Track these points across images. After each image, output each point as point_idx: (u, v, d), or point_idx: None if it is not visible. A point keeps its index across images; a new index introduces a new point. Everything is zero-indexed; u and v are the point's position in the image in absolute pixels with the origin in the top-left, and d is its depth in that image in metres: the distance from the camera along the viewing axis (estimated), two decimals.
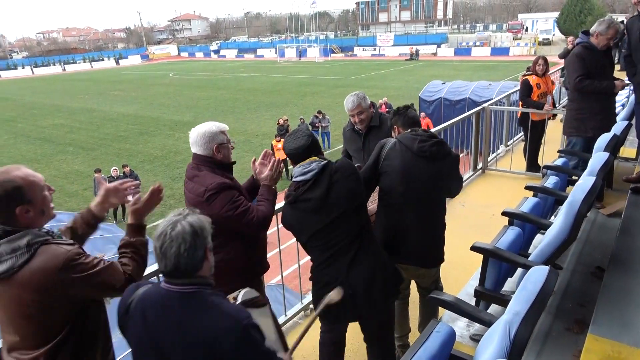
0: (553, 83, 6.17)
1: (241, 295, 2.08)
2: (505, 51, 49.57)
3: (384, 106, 17.55)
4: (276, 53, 61.55)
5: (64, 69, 60.81)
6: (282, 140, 14.91)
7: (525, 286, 1.70)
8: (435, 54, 53.63)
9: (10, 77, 55.36)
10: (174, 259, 1.48)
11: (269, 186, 2.63)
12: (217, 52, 74.17)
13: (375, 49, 60.09)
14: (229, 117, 23.54)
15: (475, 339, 2.90)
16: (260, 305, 2.08)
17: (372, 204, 2.94)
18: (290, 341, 2.12)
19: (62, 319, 1.72)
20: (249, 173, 2.81)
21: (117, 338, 1.88)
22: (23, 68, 59.96)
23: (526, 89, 6.17)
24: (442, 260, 2.93)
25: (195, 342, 1.49)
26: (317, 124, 16.46)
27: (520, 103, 6.46)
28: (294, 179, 2.44)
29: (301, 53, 58.23)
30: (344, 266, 2.39)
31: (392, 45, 59.86)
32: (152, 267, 2.33)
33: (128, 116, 25.30)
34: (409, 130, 2.82)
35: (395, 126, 2.93)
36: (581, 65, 4.38)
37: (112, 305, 1.94)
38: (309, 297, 3.84)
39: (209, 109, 26.21)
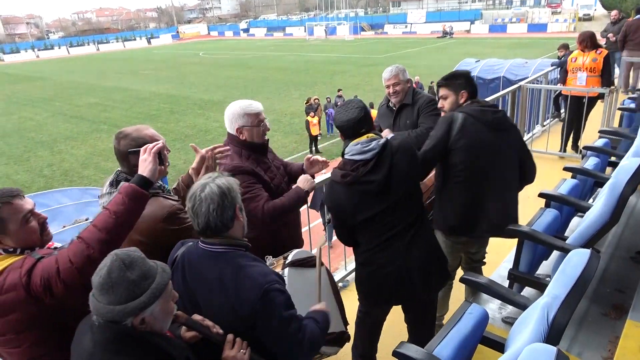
0: (595, 60, 5.87)
1: (292, 255, 2.16)
2: (542, 27, 47.54)
3: (415, 85, 17.20)
4: (305, 31, 60.95)
5: (98, 49, 62.05)
6: (316, 116, 14.93)
7: (564, 269, 1.64)
8: (468, 31, 51.97)
9: (47, 57, 56.88)
10: (204, 217, 1.59)
11: (301, 190, 2.52)
12: (246, 30, 74.01)
13: (406, 27, 58.66)
14: (258, 96, 23.60)
15: (508, 321, 2.86)
16: (311, 265, 2.18)
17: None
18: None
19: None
20: (280, 150, 2.82)
21: None
22: (59, 48, 61.46)
23: (564, 62, 6.07)
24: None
25: (222, 301, 1.59)
26: (339, 104, 16.16)
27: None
28: (349, 157, 2.25)
29: (327, 31, 57.37)
30: (401, 249, 2.30)
31: (424, 23, 58.25)
32: None
33: (159, 95, 25.69)
34: (470, 102, 2.71)
35: (463, 91, 2.73)
36: None
37: None
38: (338, 275, 3.87)
39: (238, 88, 26.32)
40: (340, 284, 3.82)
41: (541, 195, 3.07)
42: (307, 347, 1.70)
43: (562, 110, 7.46)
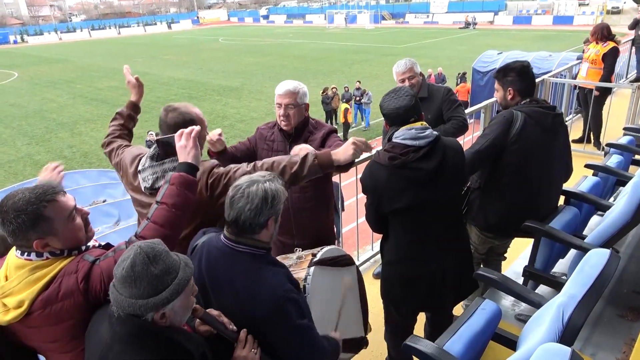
0: (598, 52, 5.76)
1: (321, 252, 2.02)
2: (569, 20, 46.33)
3: (432, 77, 16.95)
4: (325, 19, 60.43)
5: (119, 33, 62.51)
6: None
7: (583, 269, 1.61)
8: (492, 22, 50.91)
9: (70, 39, 57.54)
10: (236, 212, 1.55)
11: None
12: (266, 17, 73.73)
13: (427, 16, 57.72)
14: (276, 83, 22.94)
15: (521, 319, 2.83)
16: (342, 264, 2.07)
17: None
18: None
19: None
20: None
21: None
22: (81, 31, 62.06)
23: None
24: None
25: (234, 300, 1.56)
26: (358, 97, 15.91)
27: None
28: (400, 140, 2.14)
29: (348, 20, 56.80)
30: (437, 252, 2.24)
31: (446, 12, 57.21)
32: None
33: (178, 80, 25.83)
34: (528, 100, 2.58)
35: (510, 88, 2.60)
36: None
37: None
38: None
39: (257, 74, 26.30)
40: None
41: (561, 192, 3.00)
42: (316, 357, 1.67)
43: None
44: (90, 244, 1.72)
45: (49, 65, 33.63)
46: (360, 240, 3.99)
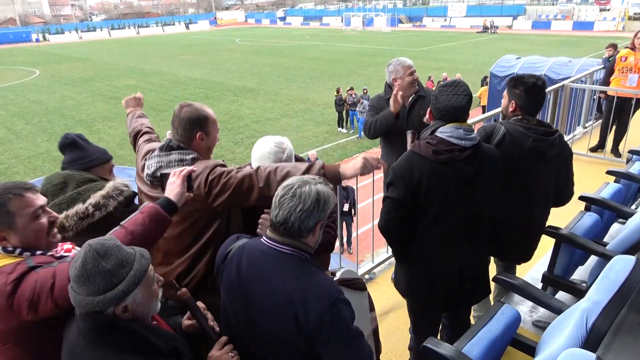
0: None
1: (340, 272, 2.01)
2: (589, 26, 45.66)
3: (429, 83, 16.82)
4: (342, 21, 60.48)
5: (138, 32, 63.32)
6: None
7: (607, 275, 1.58)
8: (510, 27, 50.46)
9: (90, 38, 58.45)
10: (286, 212, 1.48)
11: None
12: (283, 19, 74.05)
13: (445, 20, 57.39)
14: (292, 85, 23.64)
15: (539, 325, 2.79)
16: (358, 288, 2.00)
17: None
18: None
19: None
20: (311, 140, 2.76)
21: None
22: (101, 30, 63.00)
23: (613, 62, 5.78)
24: None
25: (281, 302, 1.47)
26: (357, 101, 15.51)
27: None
28: (446, 137, 2.07)
29: (365, 22, 56.76)
30: (461, 251, 2.19)
31: (464, 17, 56.84)
32: None
33: (195, 80, 26.06)
34: (520, 116, 2.43)
35: (513, 101, 2.45)
36: None
37: None
38: (364, 267, 3.85)
39: (273, 76, 26.42)
40: (366, 277, 3.81)
41: (582, 198, 2.97)
42: None
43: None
44: (68, 253, 1.66)
45: (69, 64, 34.20)
46: (374, 242, 3.98)
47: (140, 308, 1.39)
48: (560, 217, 2.93)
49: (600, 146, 6.11)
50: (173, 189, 1.77)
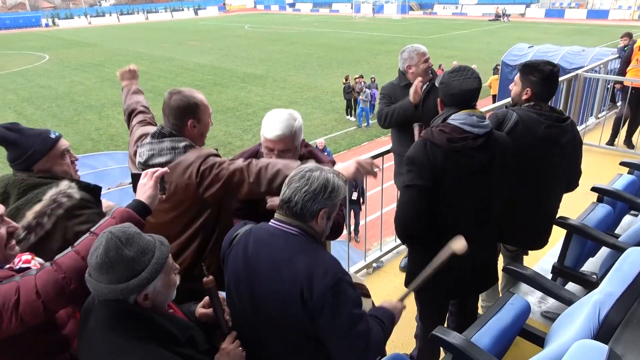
0: None
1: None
2: (604, 14, 44.78)
3: (440, 71, 16.59)
4: (352, 8, 59.82)
5: (147, 18, 63.15)
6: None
7: (621, 267, 1.56)
8: (523, 15, 49.62)
9: (99, 24, 58.42)
10: (292, 192, 1.49)
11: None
12: (292, 5, 73.40)
13: (457, 7, 56.54)
14: (300, 72, 23.51)
15: (548, 316, 2.78)
16: (362, 295, 1.92)
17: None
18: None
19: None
20: (319, 128, 2.70)
21: None
22: (110, 15, 62.86)
23: (629, 52, 5.66)
24: None
25: (287, 280, 1.47)
26: (359, 90, 15.45)
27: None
28: (459, 124, 2.03)
29: (375, 9, 56.11)
30: (473, 239, 2.10)
31: (476, 4, 55.94)
32: None
33: (204, 66, 26.01)
34: (532, 103, 2.40)
35: (529, 88, 2.40)
36: None
37: None
38: (372, 256, 3.85)
39: (281, 63, 26.28)
40: (374, 265, 3.81)
41: (594, 189, 2.93)
42: (370, 354, 1.54)
43: (619, 103, 7.07)
44: (28, 264, 1.54)
45: (79, 49, 34.25)
46: (368, 239, 3.97)
47: (159, 296, 1.39)
48: (572, 208, 2.90)
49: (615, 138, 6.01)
50: (145, 191, 1.67)
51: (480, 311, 2.73)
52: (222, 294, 1.70)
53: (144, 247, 1.34)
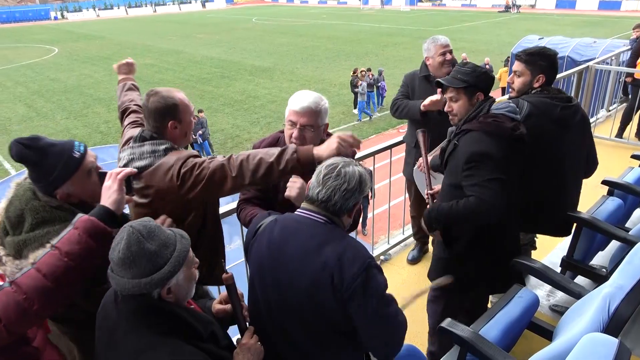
0: None
1: None
2: (616, 5, 44.03)
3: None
4: (359, 0, 59.37)
5: (155, 11, 63.14)
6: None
7: (632, 260, 1.55)
8: (533, 6, 48.91)
9: (107, 16, 58.54)
10: (330, 191, 1.48)
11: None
12: None
13: None
14: (308, 64, 23.43)
15: (556, 309, 2.77)
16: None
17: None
18: None
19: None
20: None
21: None
22: (118, 8, 62.91)
23: (638, 44, 5.56)
24: None
25: (317, 267, 1.45)
26: (357, 83, 15.39)
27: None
28: (504, 112, 2.08)
29: (383, 1, 55.63)
30: (515, 230, 2.21)
31: None
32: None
33: (212, 59, 26.00)
34: (540, 89, 2.44)
35: (542, 75, 2.43)
36: None
37: None
38: (380, 249, 3.86)
39: (289, 55, 26.20)
40: (382, 257, 3.82)
41: (605, 182, 2.91)
42: (400, 336, 1.55)
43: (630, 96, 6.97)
44: None
45: (87, 42, 34.37)
46: (375, 232, 3.97)
47: (181, 290, 1.37)
48: (582, 201, 2.88)
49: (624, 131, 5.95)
50: (109, 195, 1.54)
51: (489, 304, 2.72)
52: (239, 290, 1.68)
53: (165, 240, 1.32)
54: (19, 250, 1.58)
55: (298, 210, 1.58)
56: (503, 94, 12.00)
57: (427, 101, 2.95)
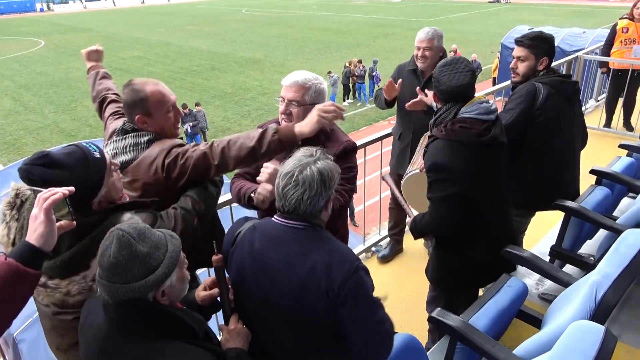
0: None
1: None
2: None
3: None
4: None
5: (143, 2, 62.29)
6: None
7: (618, 249, 1.57)
8: None
9: (94, 8, 57.67)
10: (294, 202, 1.42)
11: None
12: None
13: None
14: (299, 56, 23.32)
15: (545, 298, 2.81)
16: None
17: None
18: None
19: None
20: None
21: None
22: (105, 0, 62.12)
23: (611, 33, 5.59)
24: None
25: (304, 274, 1.42)
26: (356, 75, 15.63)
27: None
28: (474, 115, 1.97)
29: None
30: (492, 233, 2.16)
31: None
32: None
33: (201, 51, 25.77)
34: (545, 71, 2.56)
35: (545, 57, 2.53)
36: None
37: None
38: (371, 239, 3.87)
39: (279, 47, 26.05)
40: (373, 249, 3.83)
41: (593, 171, 2.93)
42: (389, 341, 1.52)
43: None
44: None
45: (74, 34, 33.87)
46: (367, 223, 3.96)
47: (175, 292, 1.33)
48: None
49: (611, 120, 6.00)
50: (35, 228, 1.24)
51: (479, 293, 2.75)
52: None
53: (157, 241, 1.27)
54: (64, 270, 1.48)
55: (275, 216, 1.52)
56: (494, 84, 12.04)
57: (410, 103, 2.86)
